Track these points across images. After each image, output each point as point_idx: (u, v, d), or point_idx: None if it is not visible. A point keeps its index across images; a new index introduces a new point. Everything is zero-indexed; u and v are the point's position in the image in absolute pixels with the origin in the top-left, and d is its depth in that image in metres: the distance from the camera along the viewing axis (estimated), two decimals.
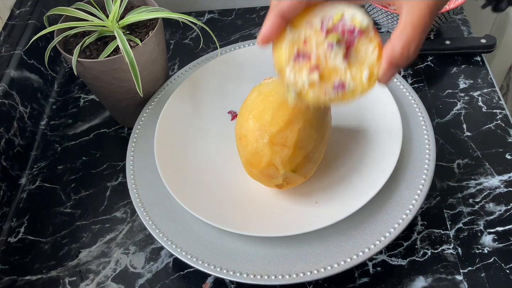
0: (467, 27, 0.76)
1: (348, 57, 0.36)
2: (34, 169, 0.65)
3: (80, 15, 0.59)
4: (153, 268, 0.54)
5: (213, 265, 0.48)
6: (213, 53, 0.69)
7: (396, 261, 0.52)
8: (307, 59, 0.36)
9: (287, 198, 0.53)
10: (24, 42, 0.69)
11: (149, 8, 0.59)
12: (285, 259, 0.49)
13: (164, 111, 0.60)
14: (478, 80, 0.68)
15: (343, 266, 0.47)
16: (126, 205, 0.60)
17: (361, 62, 0.36)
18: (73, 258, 0.56)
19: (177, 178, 0.54)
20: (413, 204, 0.50)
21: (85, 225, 0.59)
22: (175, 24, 0.82)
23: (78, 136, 0.69)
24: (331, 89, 0.36)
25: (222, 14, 0.84)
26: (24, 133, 0.66)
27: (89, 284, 0.53)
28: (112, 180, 0.63)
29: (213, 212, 0.51)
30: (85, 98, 0.73)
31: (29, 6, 0.74)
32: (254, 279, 0.47)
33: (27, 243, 0.58)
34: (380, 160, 0.53)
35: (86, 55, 0.57)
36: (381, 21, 0.73)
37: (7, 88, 0.64)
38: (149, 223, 0.52)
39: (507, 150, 0.60)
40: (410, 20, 0.33)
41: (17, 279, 0.55)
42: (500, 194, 0.56)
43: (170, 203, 0.54)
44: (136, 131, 0.61)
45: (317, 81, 0.36)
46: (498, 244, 0.52)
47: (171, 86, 0.65)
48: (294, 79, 0.36)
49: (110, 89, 0.60)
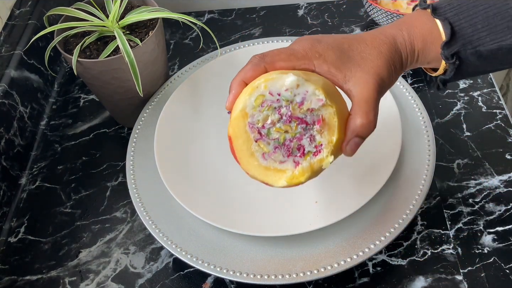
0: None
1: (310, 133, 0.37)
2: (34, 169, 0.65)
3: (80, 15, 0.59)
4: (153, 268, 0.54)
5: (213, 265, 0.48)
6: (213, 53, 0.69)
7: (396, 261, 0.52)
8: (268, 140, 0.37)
9: (287, 198, 0.53)
10: (24, 42, 0.69)
11: (149, 8, 0.59)
12: (285, 259, 0.49)
13: (164, 111, 0.60)
14: (478, 80, 0.68)
15: (343, 266, 0.47)
16: (126, 205, 0.60)
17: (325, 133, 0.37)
18: (73, 258, 0.56)
19: (177, 178, 0.54)
20: (413, 204, 0.50)
21: (85, 225, 0.59)
22: (175, 24, 0.82)
23: (78, 136, 0.69)
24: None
25: (222, 14, 0.84)
26: (24, 133, 0.66)
27: (89, 284, 0.53)
28: (112, 180, 0.63)
29: (213, 212, 0.51)
30: (85, 98, 0.73)
31: (29, 6, 0.74)
32: (254, 279, 0.47)
33: (27, 243, 0.58)
34: (380, 160, 0.53)
35: (86, 55, 0.57)
36: (381, 21, 0.73)
37: (7, 88, 0.64)
38: (149, 223, 0.52)
39: (507, 150, 0.60)
40: (362, 97, 0.38)
41: (17, 279, 0.55)
42: (500, 194, 0.56)
43: (170, 203, 0.54)
44: (136, 131, 0.61)
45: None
46: (498, 244, 0.52)
47: (171, 86, 0.65)
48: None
49: (110, 89, 0.60)
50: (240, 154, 0.37)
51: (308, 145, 0.36)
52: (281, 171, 0.36)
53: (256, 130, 0.37)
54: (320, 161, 0.36)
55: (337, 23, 0.80)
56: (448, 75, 0.42)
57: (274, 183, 0.37)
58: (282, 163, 0.36)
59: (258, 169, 0.37)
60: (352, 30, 0.78)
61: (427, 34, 0.41)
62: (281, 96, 0.36)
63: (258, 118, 0.36)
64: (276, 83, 0.36)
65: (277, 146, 0.36)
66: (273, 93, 0.36)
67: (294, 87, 0.36)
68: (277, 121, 0.36)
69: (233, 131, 0.37)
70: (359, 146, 0.38)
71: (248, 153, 0.37)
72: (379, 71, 0.39)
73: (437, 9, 0.41)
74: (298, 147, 0.36)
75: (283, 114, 0.36)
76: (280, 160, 0.36)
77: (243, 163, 0.37)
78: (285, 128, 0.36)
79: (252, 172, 0.37)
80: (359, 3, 0.82)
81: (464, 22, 0.40)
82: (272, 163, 0.37)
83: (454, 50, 0.40)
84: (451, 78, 0.42)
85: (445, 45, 0.40)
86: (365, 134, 0.38)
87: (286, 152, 0.36)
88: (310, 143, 0.36)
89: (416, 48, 0.41)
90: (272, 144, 0.36)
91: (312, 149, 0.36)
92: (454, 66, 0.41)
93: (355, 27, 0.78)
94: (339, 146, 0.37)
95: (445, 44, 0.40)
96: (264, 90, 0.36)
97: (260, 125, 0.36)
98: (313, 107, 0.36)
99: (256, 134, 0.37)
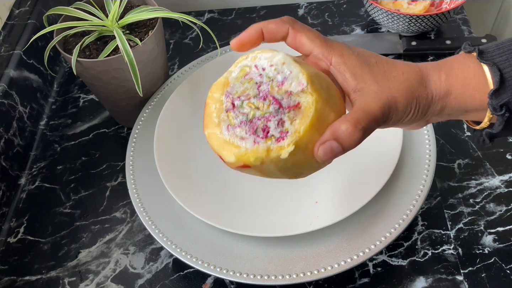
0: (467, 27, 0.76)
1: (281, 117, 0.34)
2: (34, 169, 0.65)
3: (80, 14, 0.59)
4: (153, 269, 0.54)
5: (213, 265, 0.48)
6: (213, 53, 0.69)
7: (396, 262, 0.52)
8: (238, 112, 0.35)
9: (287, 198, 0.53)
10: (24, 42, 0.69)
11: (149, 8, 0.59)
12: (285, 259, 0.49)
13: (164, 111, 0.60)
14: None
15: (344, 266, 0.47)
16: (126, 205, 0.60)
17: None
18: (72, 258, 0.56)
19: (177, 178, 0.54)
20: (414, 204, 0.50)
21: (85, 225, 0.59)
22: (175, 24, 0.82)
23: (77, 136, 0.68)
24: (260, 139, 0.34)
25: (222, 13, 0.84)
26: (24, 133, 0.66)
27: (89, 284, 0.53)
28: (112, 180, 0.63)
29: (213, 212, 0.51)
30: (85, 98, 0.73)
31: (28, 5, 0.74)
32: (254, 279, 0.47)
33: (26, 243, 0.58)
34: (381, 160, 0.53)
35: (85, 54, 0.57)
36: (381, 20, 0.72)
37: (7, 88, 0.64)
38: (149, 223, 0.52)
39: (508, 150, 0.60)
40: (362, 106, 0.34)
41: (16, 280, 0.55)
42: (501, 194, 0.56)
43: (169, 203, 0.54)
44: (136, 131, 0.61)
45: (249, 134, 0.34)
46: (498, 244, 0.52)
47: (171, 86, 0.65)
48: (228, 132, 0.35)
49: (109, 89, 0.60)
50: (207, 120, 0.36)
51: (274, 129, 0.33)
52: (237, 146, 0.34)
53: (230, 99, 0.35)
54: (279, 148, 0.32)
55: (338, 23, 0.79)
56: (497, 129, 0.36)
57: (225, 157, 0.34)
58: (242, 139, 0.34)
59: (218, 139, 0.35)
60: (353, 29, 0.78)
61: (470, 78, 0.35)
62: (264, 71, 0.35)
63: (237, 89, 0.35)
64: (265, 57, 0.35)
65: (243, 121, 0.34)
66: (258, 67, 0.35)
67: (280, 64, 0.34)
68: (253, 97, 0.34)
69: (210, 95, 0.36)
70: (334, 156, 0.32)
71: (216, 121, 0.35)
72: (396, 96, 0.34)
73: (484, 53, 0.36)
74: (263, 128, 0.33)
75: (261, 90, 0.34)
76: (241, 136, 0.34)
77: (207, 129, 0.35)
78: (257, 104, 0.34)
79: (212, 141, 0.35)
80: (359, 3, 0.82)
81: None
82: (233, 137, 0.34)
83: (504, 100, 0.34)
84: (500, 132, 0.36)
85: (493, 94, 0.34)
86: (345, 142, 0.32)
87: (250, 129, 0.34)
88: (277, 127, 0.33)
89: (454, 92, 0.36)
90: (240, 118, 0.34)
91: (277, 134, 0.33)
92: (503, 118, 0.35)
93: (355, 27, 0.78)
94: (309, 144, 0.33)
95: (493, 93, 0.34)
96: (252, 61, 0.35)
97: (236, 96, 0.35)
98: (291, 90, 0.33)
99: (229, 104, 0.35)
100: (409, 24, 0.70)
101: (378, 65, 0.36)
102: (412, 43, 0.72)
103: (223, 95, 0.35)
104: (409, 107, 0.35)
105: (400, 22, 0.71)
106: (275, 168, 0.34)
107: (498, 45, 0.36)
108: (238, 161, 0.33)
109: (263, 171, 0.34)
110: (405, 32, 0.74)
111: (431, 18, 0.69)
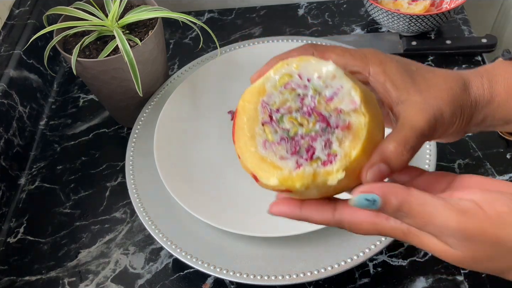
0: (467, 27, 0.76)
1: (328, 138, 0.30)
2: (34, 169, 0.65)
3: (80, 14, 0.59)
4: (153, 269, 0.54)
5: (213, 265, 0.48)
6: (213, 53, 0.68)
7: (396, 262, 0.52)
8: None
9: None
10: (24, 41, 0.69)
11: (149, 8, 0.59)
12: (285, 259, 0.49)
13: (164, 111, 0.60)
14: None
15: (344, 266, 0.47)
16: (126, 206, 0.60)
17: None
18: (72, 258, 0.56)
19: (177, 178, 0.54)
20: None
21: (85, 226, 0.59)
22: (175, 24, 0.82)
23: (77, 136, 0.68)
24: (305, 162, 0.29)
25: (222, 13, 0.84)
26: (23, 133, 0.66)
27: (89, 284, 0.53)
28: (112, 180, 0.63)
29: (213, 212, 0.51)
30: (85, 98, 0.73)
31: (28, 5, 0.74)
32: (254, 279, 0.47)
33: (26, 243, 0.58)
34: None
35: (85, 54, 0.57)
36: (381, 20, 0.72)
37: (6, 88, 0.64)
38: (149, 224, 0.52)
39: (508, 150, 0.60)
40: (409, 122, 0.31)
41: (16, 280, 0.55)
42: None
43: (169, 203, 0.54)
44: (136, 131, 0.61)
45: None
46: None
47: (171, 86, 0.65)
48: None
49: (109, 89, 0.59)
50: (239, 133, 0.31)
51: (321, 151, 0.29)
52: (277, 167, 0.29)
53: (268, 111, 0.30)
54: (327, 173, 0.29)
55: (338, 23, 0.79)
56: None
57: (263, 179, 0.30)
58: (282, 159, 0.29)
59: (252, 156, 0.30)
60: (353, 29, 0.78)
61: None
62: (310, 82, 0.30)
63: (275, 100, 0.30)
64: (310, 66, 0.30)
65: (284, 138, 0.30)
66: (302, 76, 0.30)
67: (330, 78, 0.30)
68: (295, 110, 0.30)
69: (242, 104, 0.31)
70: (382, 179, 0.29)
71: (249, 135, 0.30)
72: (441, 105, 0.32)
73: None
74: (307, 148, 0.29)
75: (305, 104, 0.30)
76: (281, 155, 0.30)
77: (239, 144, 0.31)
78: (301, 120, 0.30)
79: (245, 158, 0.30)
80: (359, 3, 0.82)
81: None
82: (271, 155, 0.30)
83: None
84: None
85: None
86: (394, 163, 0.29)
87: (292, 148, 0.30)
88: (324, 149, 0.29)
89: (497, 99, 0.34)
90: (279, 134, 0.30)
91: (323, 157, 0.29)
92: None
93: (355, 27, 0.78)
94: (357, 169, 0.29)
95: None
96: (295, 69, 0.30)
97: (275, 108, 0.30)
98: (342, 108, 0.29)
99: (266, 117, 0.30)
100: (409, 24, 0.70)
101: (420, 73, 0.33)
102: (412, 43, 0.72)
103: (258, 104, 0.31)
104: (455, 117, 0.33)
105: (400, 22, 0.71)
106: (316, 193, 0.30)
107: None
108: (281, 186, 0.29)
109: (302, 195, 0.31)
110: (405, 32, 0.73)
111: (431, 18, 0.69)
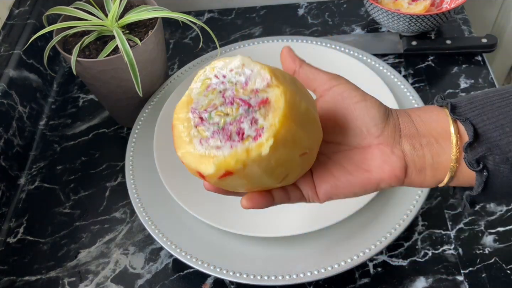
0: (468, 27, 0.76)
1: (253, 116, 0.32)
2: (33, 169, 0.65)
3: (79, 14, 0.59)
4: (153, 269, 0.54)
5: (213, 266, 0.48)
6: (213, 53, 0.68)
7: (396, 262, 0.52)
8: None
9: None
10: (23, 41, 0.69)
11: (149, 8, 0.59)
12: (285, 259, 0.49)
13: (164, 111, 0.60)
14: (479, 80, 0.68)
15: (344, 266, 0.47)
16: (126, 206, 0.60)
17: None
18: (72, 258, 0.56)
19: (177, 178, 0.54)
20: (414, 204, 0.50)
21: (84, 226, 0.58)
22: (175, 24, 0.82)
23: (77, 136, 0.68)
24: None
25: (222, 13, 0.84)
26: (23, 133, 0.66)
27: (88, 284, 0.53)
28: (112, 180, 0.63)
29: (212, 212, 0.51)
30: (84, 98, 0.73)
31: (28, 5, 0.74)
32: (254, 279, 0.47)
33: (26, 243, 0.58)
34: None
35: (85, 54, 0.57)
36: (382, 20, 0.72)
37: (6, 88, 0.64)
38: (149, 224, 0.52)
39: None
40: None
41: (16, 280, 0.55)
42: None
43: (169, 204, 0.54)
44: (136, 131, 0.61)
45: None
46: (499, 244, 0.52)
47: (171, 85, 0.65)
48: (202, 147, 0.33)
49: (109, 89, 0.59)
50: (178, 141, 0.33)
51: (249, 129, 0.31)
52: (214, 157, 0.31)
53: (197, 115, 0.33)
54: (259, 145, 0.31)
55: (338, 23, 0.79)
56: (476, 191, 0.34)
57: (205, 170, 0.32)
58: (219, 148, 0.31)
59: (193, 156, 0.32)
60: (353, 29, 0.78)
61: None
62: (226, 78, 0.33)
63: (202, 104, 0.33)
64: (223, 65, 0.33)
65: (216, 131, 0.32)
66: (218, 75, 0.33)
67: (240, 67, 0.33)
68: (220, 105, 0.33)
69: (176, 117, 0.34)
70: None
71: (187, 140, 0.33)
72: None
73: (457, 108, 0.35)
74: (237, 131, 0.32)
75: (227, 96, 0.33)
76: (217, 145, 0.32)
77: (180, 151, 0.33)
78: (226, 110, 0.32)
79: (188, 160, 0.32)
80: (359, 3, 0.82)
81: (489, 123, 0.33)
82: (209, 149, 0.32)
83: (479, 154, 0.33)
84: (480, 195, 0.35)
85: (468, 147, 0.33)
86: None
87: (225, 136, 0.32)
88: (251, 126, 0.31)
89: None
90: (212, 129, 0.32)
91: (253, 133, 0.31)
92: (481, 178, 0.33)
93: (355, 27, 0.78)
94: (287, 134, 0.31)
95: (468, 146, 0.33)
96: (210, 72, 0.34)
97: (203, 109, 0.33)
98: (257, 88, 0.32)
99: (197, 119, 0.33)
100: (409, 24, 0.70)
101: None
102: (412, 43, 0.72)
103: (189, 112, 0.33)
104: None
105: (400, 22, 0.71)
106: (259, 170, 0.32)
107: (470, 101, 0.35)
108: (219, 170, 0.31)
109: (248, 177, 0.32)
110: (405, 32, 0.73)
111: (431, 18, 0.69)
